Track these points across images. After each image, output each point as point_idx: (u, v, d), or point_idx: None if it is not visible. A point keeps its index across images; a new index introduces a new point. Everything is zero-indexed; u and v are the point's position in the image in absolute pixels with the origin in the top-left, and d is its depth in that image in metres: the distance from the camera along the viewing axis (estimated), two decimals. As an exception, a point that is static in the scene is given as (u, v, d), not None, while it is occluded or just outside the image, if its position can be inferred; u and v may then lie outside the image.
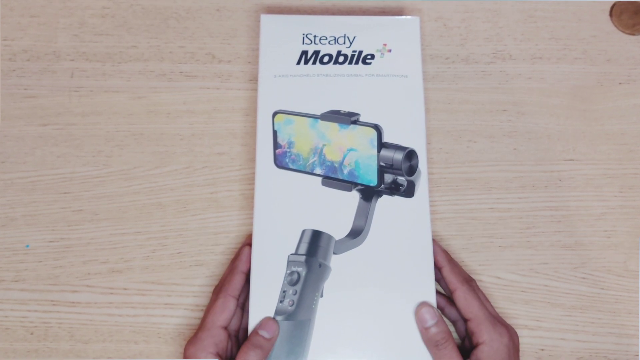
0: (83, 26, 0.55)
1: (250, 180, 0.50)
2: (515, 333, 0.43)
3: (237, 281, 0.43)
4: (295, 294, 0.42)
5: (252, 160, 0.51)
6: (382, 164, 0.45)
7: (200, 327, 0.42)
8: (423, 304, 0.42)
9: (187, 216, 0.50)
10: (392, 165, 0.44)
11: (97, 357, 0.47)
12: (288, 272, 0.43)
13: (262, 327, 0.41)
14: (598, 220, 0.50)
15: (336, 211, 0.45)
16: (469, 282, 0.44)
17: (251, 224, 0.45)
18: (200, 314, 0.47)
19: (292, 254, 0.43)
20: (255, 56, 0.54)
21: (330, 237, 0.43)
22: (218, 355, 0.40)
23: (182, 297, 0.48)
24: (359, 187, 0.45)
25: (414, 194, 0.45)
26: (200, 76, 0.53)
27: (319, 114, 0.46)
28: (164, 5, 0.56)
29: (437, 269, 0.44)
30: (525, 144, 0.52)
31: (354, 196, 0.45)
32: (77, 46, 0.54)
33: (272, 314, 0.42)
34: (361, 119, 0.46)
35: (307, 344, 0.41)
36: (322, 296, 0.42)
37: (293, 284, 0.42)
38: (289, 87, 0.48)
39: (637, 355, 0.48)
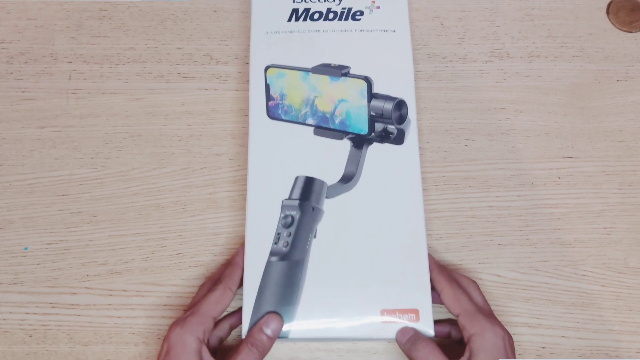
0: (80, 28, 0.55)
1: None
2: (510, 335, 0.42)
3: (237, 276, 0.43)
4: (289, 236, 0.44)
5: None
6: (372, 113, 0.46)
7: (193, 311, 0.41)
8: (401, 328, 0.42)
9: (186, 217, 0.50)
10: (382, 114, 0.46)
11: (96, 359, 0.47)
12: (282, 215, 0.44)
13: (266, 324, 0.41)
14: (597, 217, 0.50)
15: (328, 159, 0.46)
16: (456, 281, 0.44)
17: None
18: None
19: (285, 199, 0.45)
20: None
21: (322, 182, 0.45)
22: (203, 342, 0.40)
23: (181, 299, 0.48)
24: (350, 135, 0.47)
25: (404, 141, 0.46)
26: (198, 77, 0.53)
27: (310, 67, 0.48)
28: (161, 7, 0.56)
29: None
30: (524, 142, 0.52)
31: (345, 145, 0.46)
32: (74, 48, 0.54)
33: (266, 255, 0.43)
34: (351, 72, 0.48)
35: (302, 283, 0.43)
36: (315, 237, 0.44)
37: (287, 226, 0.44)
38: (280, 42, 0.50)
39: (639, 352, 0.47)
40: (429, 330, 0.42)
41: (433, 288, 0.44)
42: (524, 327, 0.47)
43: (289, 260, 0.43)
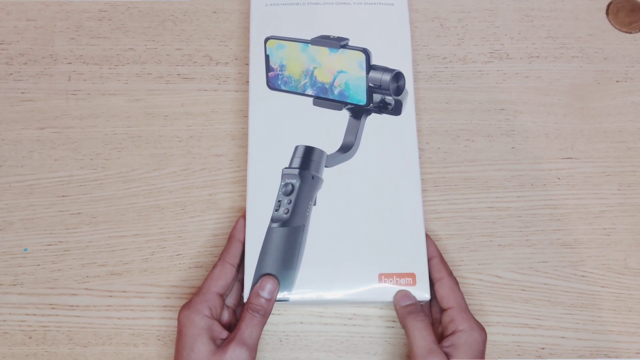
0: (80, 29, 0.55)
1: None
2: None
3: (235, 248, 0.44)
4: (289, 203, 0.45)
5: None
6: (370, 84, 0.47)
7: (196, 292, 0.43)
8: (401, 290, 0.43)
9: (186, 218, 0.50)
10: (380, 85, 0.47)
11: (96, 360, 0.47)
12: (283, 183, 0.46)
13: (262, 288, 0.43)
14: (597, 218, 0.50)
15: (327, 129, 0.47)
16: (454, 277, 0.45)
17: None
18: (200, 316, 0.47)
19: (286, 168, 0.46)
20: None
21: (322, 151, 0.46)
22: (213, 318, 0.41)
23: (181, 300, 0.48)
24: (349, 106, 0.48)
25: (402, 112, 0.47)
26: (197, 78, 0.53)
27: (309, 39, 0.49)
28: (160, 8, 0.56)
29: (428, 259, 0.45)
30: (523, 143, 0.52)
31: (344, 115, 0.48)
32: (74, 49, 0.54)
33: (267, 223, 0.44)
34: (350, 44, 0.49)
35: (302, 248, 0.44)
36: (315, 204, 0.45)
37: (287, 194, 0.45)
38: (280, 14, 0.51)
39: (639, 353, 0.48)
40: (426, 294, 0.43)
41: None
42: (524, 327, 0.47)
43: (290, 227, 0.44)
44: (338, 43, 0.48)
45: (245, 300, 0.43)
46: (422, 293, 0.43)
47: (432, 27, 0.56)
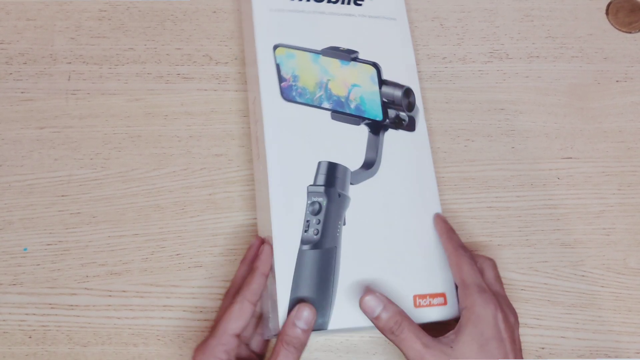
0: (80, 29, 0.55)
1: (249, 181, 0.50)
2: (514, 313, 0.41)
3: (258, 285, 0.40)
4: (318, 224, 0.42)
5: (250, 161, 0.51)
6: (384, 100, 0.47)
7: (212, 332, 0.40)
8: (365, 294, 0.39)
9: (186, 218, 0.50)
10: (393, 101, 0.47)
11: (96, 360, 0.47)
12: (309, 202, 0.43)
13: (298, 317, 0.39)
14: (597, 218, 0.50)
15: (346, 143, 0.45)
16: (465, 249, 0.42)
17: (250, 225, 0.45)
18: (200, 316, 0.47)
19: (311, 185, 0.43)
20: (252, 57, 0.54)
21: (346, 168, 0.44)
22: None
23: (181, 299, 0.48)
24: (367, 121, 0.46)
25: (416, 128, 0.47)
26: (197, 78, 0.53)
27: (319, 49, 0.47)
28: (160, 8, 0.56)
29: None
30: (523, 143, 0.52)
31: (361, 130, 0.46)
32: (74, 49, 0.54)
33: (297, 244, 0.42)
34: (359, 56, 0.48)
35: (337, 271, 0.42)
36: (344, 224, 0.43)
37: (315, 213, 0.43)
38: (284, 21, 0.49)
39: (638, 353, 0.48)
40: (456, 312, 0.42)
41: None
42: (524, 327, 0.47)
43: (322, 249, 0.42)
44: (349, 55, 0.47)
45: (273, 332, 0.40)
46: (453, 311, 0.42)
47: (432, 27, 0.56)
